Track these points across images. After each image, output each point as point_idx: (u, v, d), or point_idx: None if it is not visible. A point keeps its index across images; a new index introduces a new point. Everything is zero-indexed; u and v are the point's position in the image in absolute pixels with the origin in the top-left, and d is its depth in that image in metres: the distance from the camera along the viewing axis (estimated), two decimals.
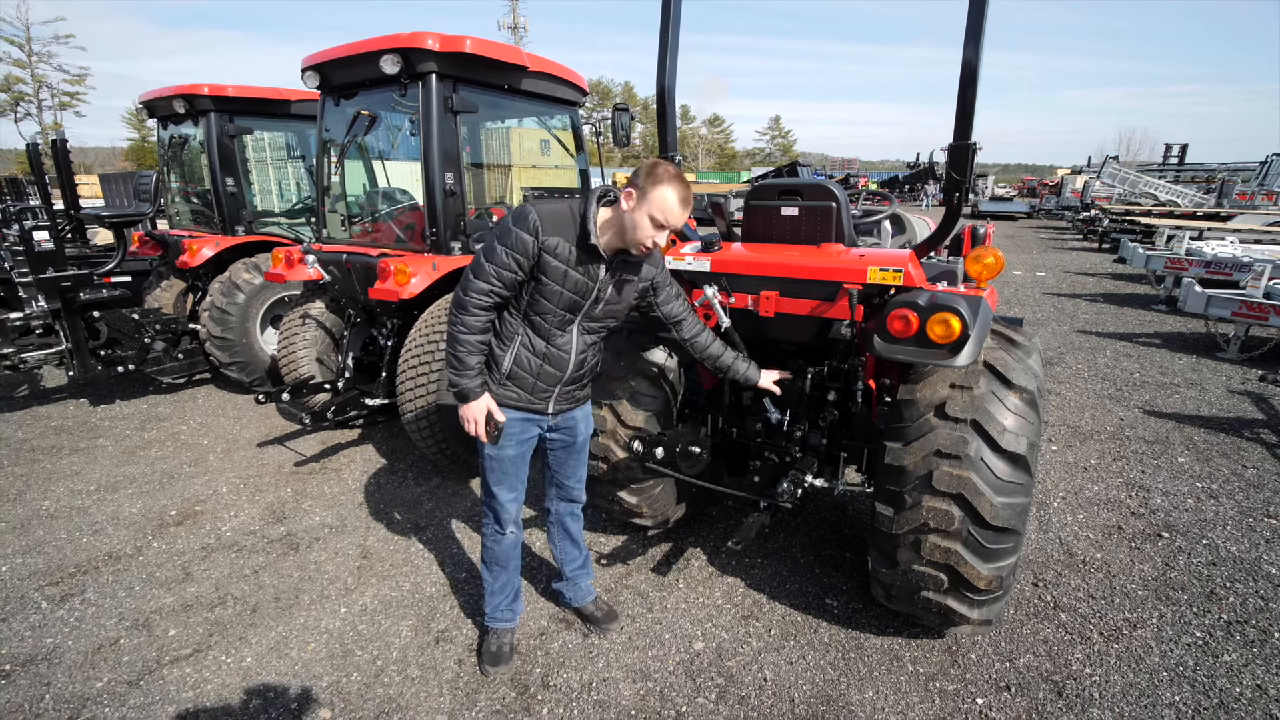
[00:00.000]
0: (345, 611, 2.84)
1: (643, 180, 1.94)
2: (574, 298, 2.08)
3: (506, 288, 2.05)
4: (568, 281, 2.05)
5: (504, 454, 2.27)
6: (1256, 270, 7.06)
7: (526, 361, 2.15)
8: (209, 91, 5.51)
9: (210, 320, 5.29)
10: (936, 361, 2.13)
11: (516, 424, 2.24)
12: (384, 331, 4.45)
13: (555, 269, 2.02)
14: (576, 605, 2.75)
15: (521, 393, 2.19)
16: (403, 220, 4.48)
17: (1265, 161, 21.56)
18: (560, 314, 2.10)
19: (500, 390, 2.18)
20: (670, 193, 1.93)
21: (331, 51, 4.00)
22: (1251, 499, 3.81)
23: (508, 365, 2.15)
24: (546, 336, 2.14)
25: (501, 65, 3.99)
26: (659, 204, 1.94)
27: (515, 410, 2.22)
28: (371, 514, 3.69)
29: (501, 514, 2.38)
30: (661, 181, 1.93)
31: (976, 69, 2.16)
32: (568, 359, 2.18)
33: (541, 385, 2.20)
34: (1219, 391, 5.71)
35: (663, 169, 1.95)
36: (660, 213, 1.95)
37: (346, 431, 4.86)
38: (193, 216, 6.52)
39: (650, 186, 1.93)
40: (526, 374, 2.17)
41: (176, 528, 3.54)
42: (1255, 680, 2.44)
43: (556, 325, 2.13)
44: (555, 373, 2.19)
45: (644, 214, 1.95)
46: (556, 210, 2.02)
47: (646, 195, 1.94)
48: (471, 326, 2.05)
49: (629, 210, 1.97)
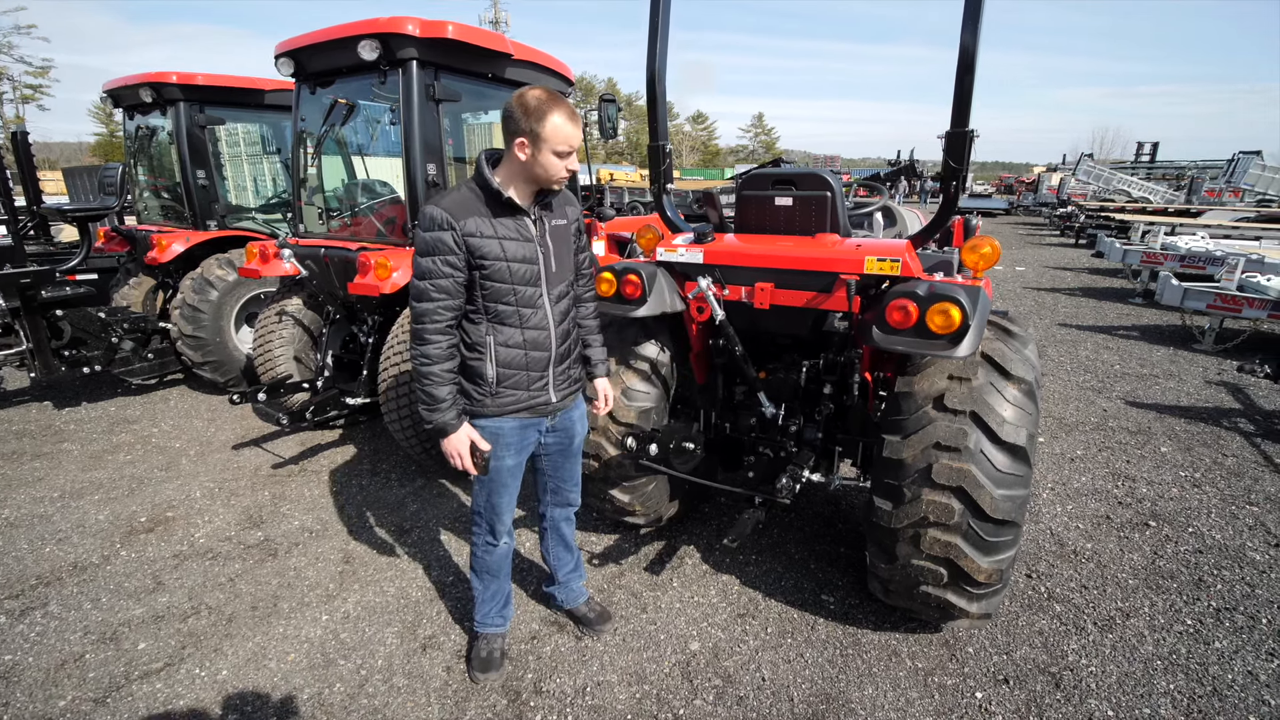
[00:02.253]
0: (327, 619, 2.73)
1: (527, 123, 1.82)
2: (524, 266, 1.97)
3: (453, 297, 1.92)
4: (508, 252, 1.93)
5: (503, 465, 2.17)
6: (1230, 264, 7.21)
7: (510, 357, 2.03)
8: (177, 80, 5.30)
9: (182, 318, 5.11)
10: (936, 352, 2.09)
11: (515, 432, 2.14)
12: (364, 328, 4.32)
13: (489, 247, 1.91)
14: (569, 607, 2.68)
15: (518, 392, 2.08)
16: (383, 213, 4.35)
17: (1232, 160, 22.10)
18: (522, 290, 1.98)
19: (495, 401, 2.06)
20: (559, 118, 1.82)
21: (306, 37, 3.86)
22: (1233, 487, 3.86)
23: (493, 372, 2.02)
24: (519, 323, 2.02)
25: (485, 52, 3.88)
26: (558, 136, 1.83)
27: (515, 417, 2.12)
28: (353, 517, 3.57)
29: (497, 524, 2.29)
30: (546, 114, 1.81)
31: (974, 55, 2.12)
32: (548, 335, 2.07)
33: (535, 375, 2.09)
34: (1196, 382, 5.81)
35: (535, 101, 1.82)
36: (562, 143, 1.85)
37: (326, 432, 4.72)
38: (162, 211, 6.29)
39: (538, 124, 1.81)
40: (516, 370, 2.06)
41: (147, 535, 3.39)
42: (1246, 666, 2.45)
43: (524, 304, 2.00)
44: (542, 355, 2.08)
45: (548, 153, 1.85)
46: (456, 196, 1.92)
47: (541, 134, 1.82)
48: (433, 356, 1.93)
49: (529, 159, 1.87)
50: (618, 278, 2.58)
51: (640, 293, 2.57)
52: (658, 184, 2.88)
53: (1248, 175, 20.35)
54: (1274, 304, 6.20)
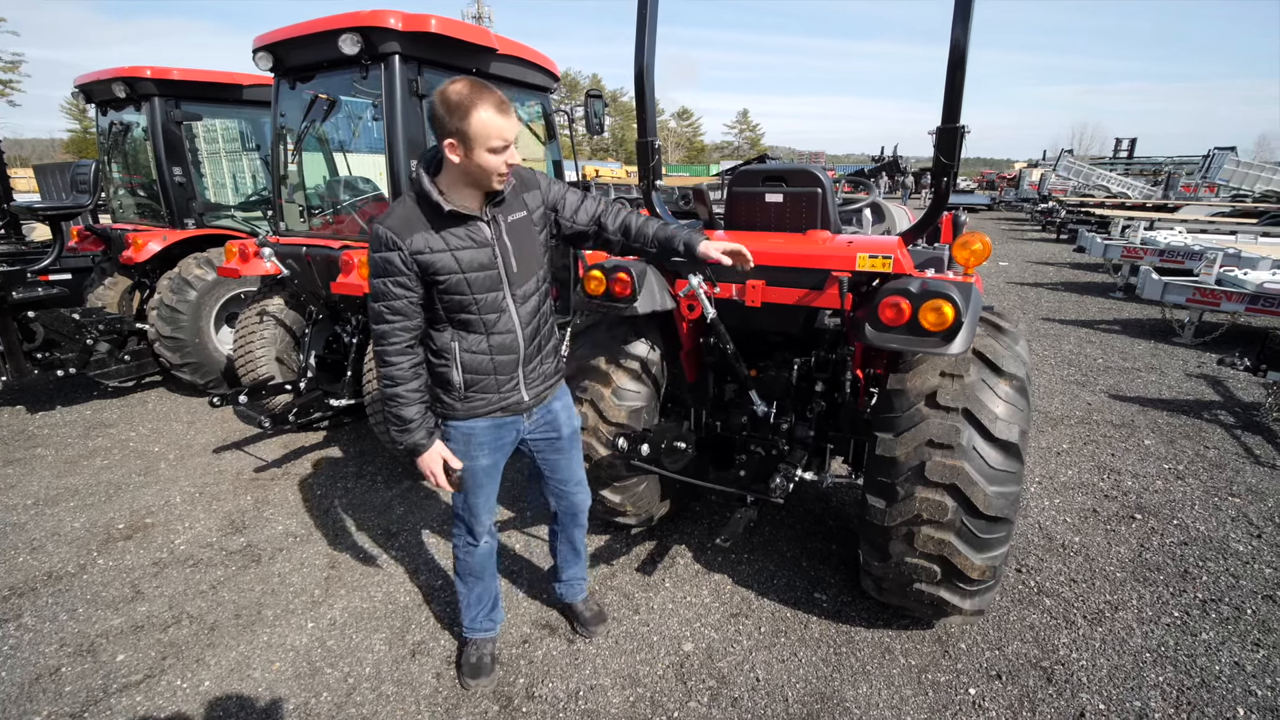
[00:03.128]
0: (313, 626, 2.67)
1: (453, 122, 1.69)
2: (482, 275, 1.88)
3: (410, 318, 1.87)
4: (464, 264, 1.85)
5: (477, 465, 2.12)
6: (1208, 258, 7.32)
7: (476, 363, 1.97)
8: (152, 74, 5.16)
9: (159, 319, 4.99)
10: (929, 350, 2.08)
11: (488, 431, 2.09)
12: (348, 328, 4.24)
13: (442, 262, 1.82)
14: (568, 601, 2.65)
15: (488, 395, 2.03)
16: (366, 211, 4.27)
17: (1207, 156, 22.46)
18: (484, 298, 1.90)
19: (466, 405, 2.02)
20: (486, 112, 1.68)
21: (285, 31, 3.76)
22: (1215, 479, 3.91)
23: (460, 378, 1.98)
24: (484, 329, 1.95)
25: (469, 47, 3.81)
26: (487, 132, 1.69)
27: (487, 419, 2.07)
28: (339, 521, 3.51)
29: (475, 525, 2.24)
30: (471, 109, 1.67)
31: (965, 51, 2.11)
32: (515, 338, 2.00)
33: (503, 378, 2.03)
34: (1177, 375, 5.90)
35: (457, 96, 1.68)
36: (496, 138, 1.71)
37: (310, 434, 4.63)
38: (137, 209, 6.13)
39: (463, 122, 1.68)
40: (484, 375, 2.00)
41: (125, 542, 3.30)
42: (1233, 657, 2.48)
43: (487, 310, 1.92)
44: (509, 358, 2.02)
45: (481, 152, 1.72)
46: (400, 212, 1.83)
47: (469, 133, 1.69)
48: (396, 378, 1.89)
49: (463, 160, 1.75)
50: (607, 276, 2.54)
51: (630, 291, 2.54)
52: (646, 180, 2.85)
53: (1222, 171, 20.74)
54: (1251, 297, 6.31)
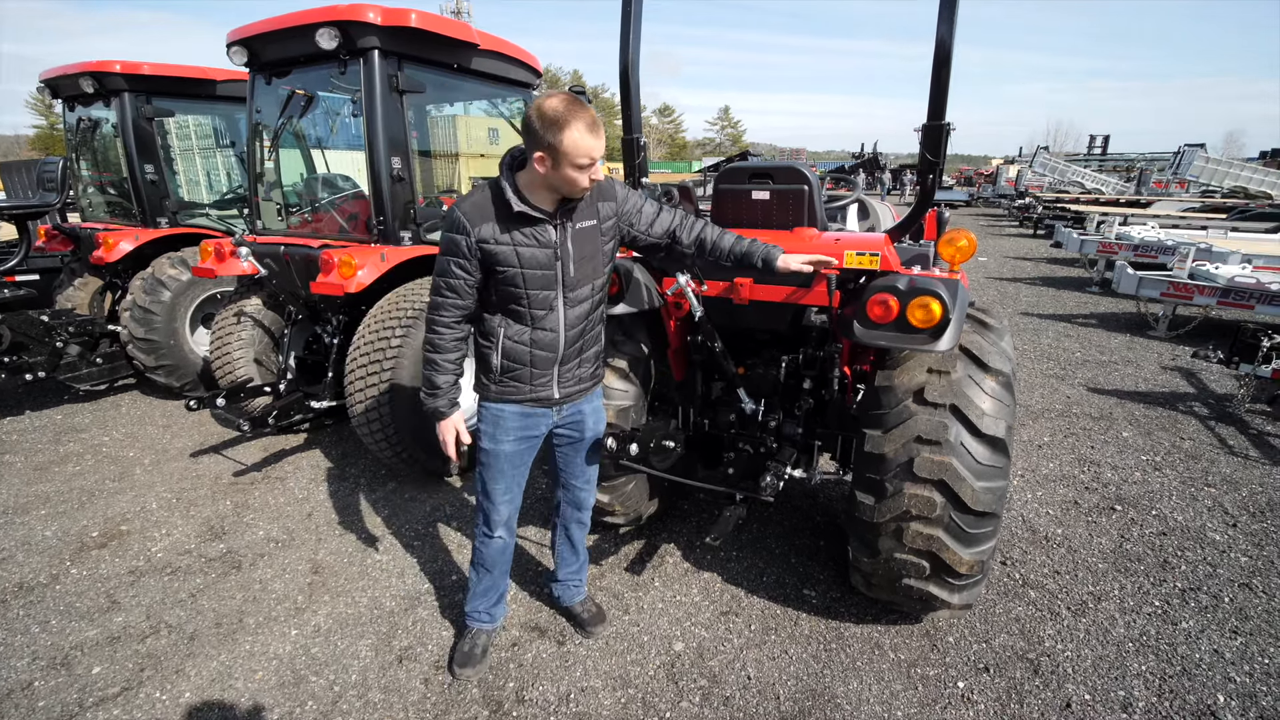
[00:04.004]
0: (296, 634, 2.62)
1: (546, 135, 1.72)
2: (540, 273, 1.94)
3: (463, 298, 1.97)
4: (524, 260, 1.91)
5: (500, 449, 2.15)
6: (1181, 253, 7.49)
7: (515, 352, 2.04)
8: (121, 69, 5.01)
9: (132, 321, 4.85)
10: (918, 347, 2.09)
11: (517, 418, 2.13)
12: (329, 329, 4.16)
13: (503, 254, 1.90)
14: (565, 604, 2.64)
15: (520, 385, 2.09)
16: (346, 209, 4.19)
17: (1178, 152, 22.94)
18: (537, 294, 1.97)
19: (499, 389, 2.10)
20: (578, 132, 1.72)
21: (260, 24, 3.67)
22: (1191, 469, 4.00)
23: (498, 362, 2.05)
24: (530, 322, 2.01)
25: (450, 42, 3.75)
26: (577, 150, 1.73)
27: (517, 405, 2.12)
28: (322, 525, 3.44)
29: (492, 514, 2.26)
30: (564, 127, 1.71)
31: (950, 48, 2.11)
32: (557, 337, 2.05)
33: (538, 371, 2.08)
34: (1153, 368, 6.02)
35: (553, 112, 1.71)
36: (584, 156, 1.75)
37: (291, 436, 4.55)
38: (108, 208, 5.97)
39: (556, 139, 1.72)
40: (520, 365, 2.06)
41: (99, 551, 3.21)
42: (1212, 645, 2.53)
43: (536, 306, 1.99)
44: (547, 355, 2.07)
45: (568, 168, 1.77)
46: (477, 199, 1.91)
47: (560, 149, 1.73)
48: (439, 345, 2.00)
49: (549, 171, 1.79)
50: None
51: (617, 289, 2.52)
52: (632, 177, 2.82)
53: (1192, 167, 21.23)
54: (1223, 291, 6.45)
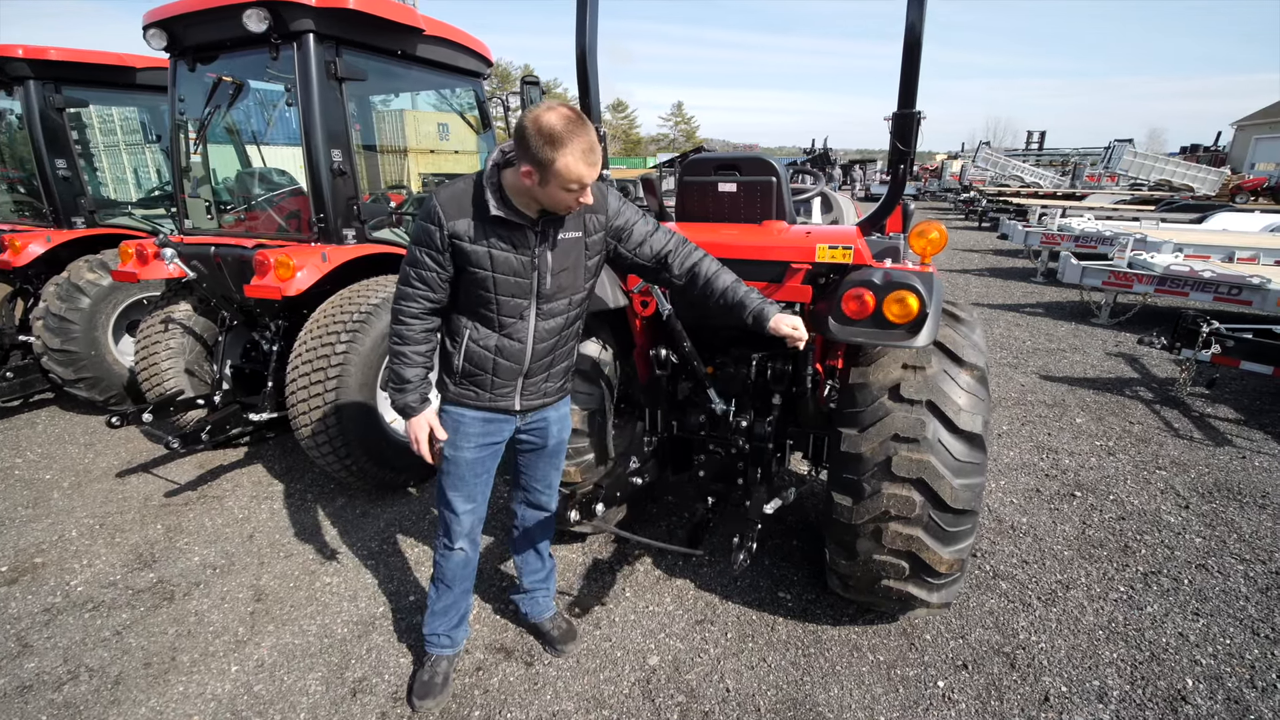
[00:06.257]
0: (237, 670, 2.39)
1: (537, 151, 1.58)
2: (512, 279, 1.81)
3: (434, 290, 1.84)
4: (497, 264, 1.78)
5: (460, 455, 2.00)
6: (1120, 243, 7.81)
7: (479, 357, 1.92)
8: (25, 54, 4.56)
9: (46, 330, 4.43)
10: (895, 343, 2.02)
11: (477, 424, 1.99)
12: (267, 335, 3.87)
13: (475, 254, 1.78)
14: (533, 621, 2.49)
15: (480, 391, 1.97)
16: (284, 206, 3.91)
17: (1108, 147, 24.23)
18: (507, 301, 1.84)
19: (458, 390, 1.98)
20: (573, 158, 1.58)
21: (180, 4, 3.36)
22: (1143, 453, 4.12)
23: (460, 363, 1.94)
24: (498, 328, 1.89)
25: (392, 26, 3.52)
26: (568, 176, 1.61)
27: (476, 410, 1.98)
28: (264, 547, 3.19)
29: (453, 525, 2.11)
30: (559, 148, 1.56)
31: (920, 34, 2.05)
32: (523, 349, 1.92)
33: (500, 380, 1.95)
34: (1099, 354, 6.24)
35: (550, 128, 1.56)
36: (574, 182, 1.63)
37: (229, 452, 4.23)
38: (15, 207, 5.46)
39: (547, 158, 1.58)
40: (481, 370, 1.92)
41: (8, 588, 2.89)
42: (1177, 629, 2.57)
43: (508, 314, 1.86)
44: (512, 365, 1.93)
45: (555, 188, 1.65)
46: (457, 190, 1.78)
47: (551, 170, 1.60)
48: (406, 336, 1.88)
49: (534, 186, 1.66)
50: None
51: None
52: None
53: (1122, 161, 22.40)
54: (1159, 279, 6.74)
